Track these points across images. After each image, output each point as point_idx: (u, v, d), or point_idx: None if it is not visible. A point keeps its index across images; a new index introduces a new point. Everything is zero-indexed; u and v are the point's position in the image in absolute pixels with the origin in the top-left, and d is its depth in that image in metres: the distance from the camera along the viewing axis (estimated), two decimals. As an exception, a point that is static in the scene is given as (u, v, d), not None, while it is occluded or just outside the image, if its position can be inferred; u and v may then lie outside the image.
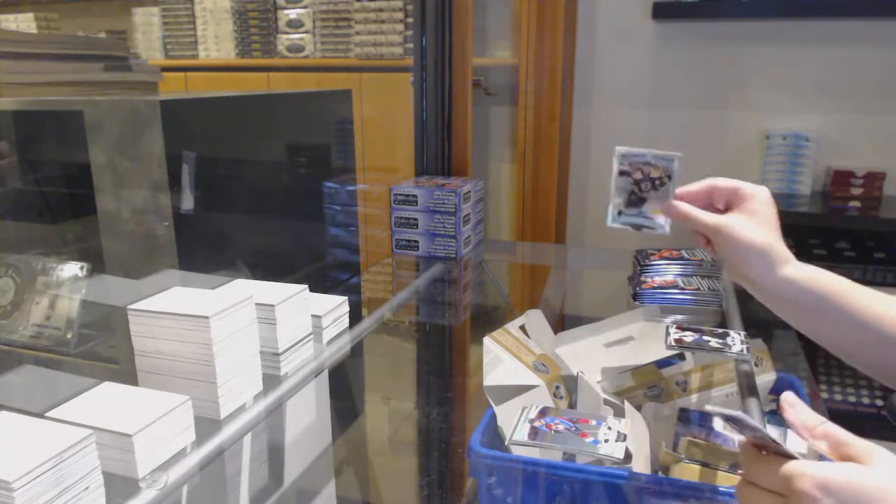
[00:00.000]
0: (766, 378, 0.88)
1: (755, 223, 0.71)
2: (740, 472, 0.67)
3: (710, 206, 0.76)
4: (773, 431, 0.50)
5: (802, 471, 0.45)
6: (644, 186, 0.78)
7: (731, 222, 0.72)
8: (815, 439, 0.49)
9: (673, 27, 2.20)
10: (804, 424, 0.50)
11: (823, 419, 0.50)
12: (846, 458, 0.48)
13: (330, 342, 1.00)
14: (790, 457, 0.48)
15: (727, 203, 0.75)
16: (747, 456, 0.51)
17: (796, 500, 0.45)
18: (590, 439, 0.65)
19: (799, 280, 0.70)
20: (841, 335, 0.70)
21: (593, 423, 0.68)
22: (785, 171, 2.12)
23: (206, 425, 0.77)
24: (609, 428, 0.67)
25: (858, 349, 0.70)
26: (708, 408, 0.55)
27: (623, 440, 0.65)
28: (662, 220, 0.78)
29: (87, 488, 0.59)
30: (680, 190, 0.77)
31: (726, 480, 0.68)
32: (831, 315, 0.69)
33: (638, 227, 0.79)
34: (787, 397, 0.52)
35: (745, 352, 0.79)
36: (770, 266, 0.71)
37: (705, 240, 0.76)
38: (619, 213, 0.80)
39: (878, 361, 0.69)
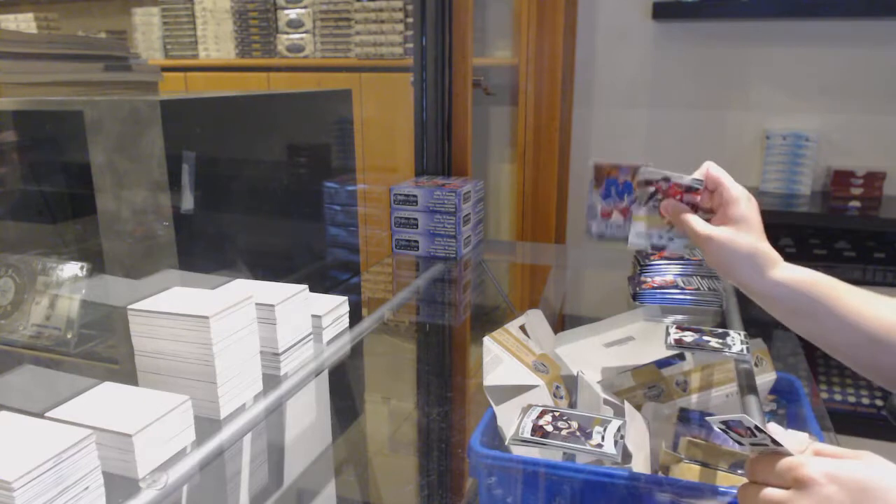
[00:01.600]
0: (765, 378, 0.88)
1: (738, 229, 0.73)
2: (741, 472, 0.67)
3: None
4: (795, 437, 0.52)
5: (808, 460, 0.48)
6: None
7: (716, 233, 0.73)
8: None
9: (673, 27, 2.20)
10: (794, 450, 0.51)
11: (809, 441, 0.53)
12: None
13: (330, 342, 1.00)
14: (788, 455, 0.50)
15: (711, 197, 0.78)
16: (751, 460, 0.53)
17: (802, 487, 0.47)
18: (590, 439, 0.65)
19: (787, 282, 0.71)
20: (832, 336, 0.70)
21: (593, 422, 0.68)
22: (785, 171, 2.12)
23: (206, 425, 0.77)
24: (609, 428, 0.67)
25: (852, 351, 0.70)
26: (708, 419, 0.55)
27: (623, 440, 0.65)
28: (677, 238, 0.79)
29: (87, 488, 0.59)
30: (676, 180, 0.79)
31: (726, 480, 0.68)
32: (821, 317, 0.69)
33: (656, 247, 0.80)
34: (771, 429, 0.52)
35: (744, 352, 0.79)
36: (757, 271, 0.71)
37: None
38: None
39: (873, 363, 0.69)
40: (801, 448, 0.51)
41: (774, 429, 0.52)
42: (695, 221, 0.75)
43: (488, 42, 2.49)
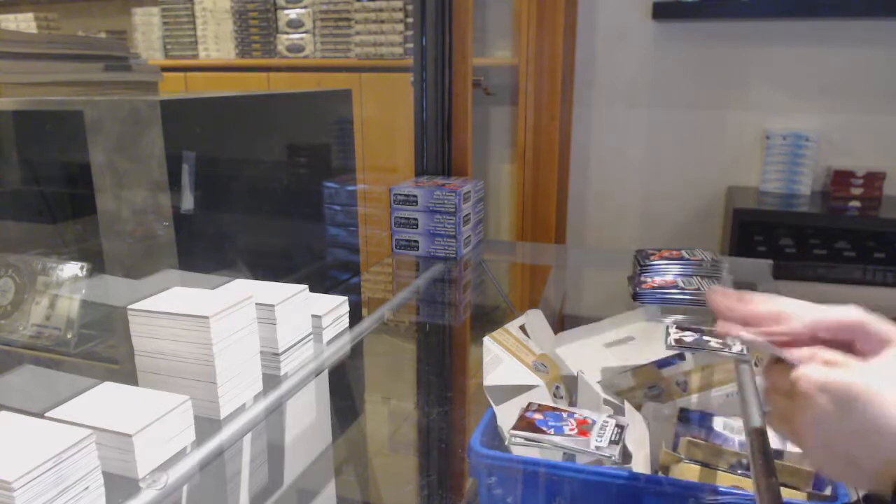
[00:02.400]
0: (766, 378, 0.88)
1: None
2: (741, 472, 0.67)
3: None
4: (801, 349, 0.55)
5: (806, 374, 0.50)
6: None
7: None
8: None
9: (673, 27, 2.20)
10: (801, 357, 0.53)
11: (815, 350, 0.52)
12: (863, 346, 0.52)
13: (330, 342, 1.00)
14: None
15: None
16: (768, 368, 0.56)
17: (800, 400, 0.51)
18: (590, 439, 0.65)
19: None
20: None
21: (593, 422, 0.68)
22: (785, 171, 2.12)
23: (206, 425, 0.77)
24: (608, 428, 0.67)
25: None
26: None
27: (622, 440, 0.65)
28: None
29: (87, 488, 0.59)
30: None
31: (726, 480, 0.68)
32: None
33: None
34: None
35: (745, 352, 0.79)
36: None
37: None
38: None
39: None
40: (808, 354, 0.53)
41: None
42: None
43: (488, 42, 2.49)
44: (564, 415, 0.69)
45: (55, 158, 1.23)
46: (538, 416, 0.69)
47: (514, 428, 0.67)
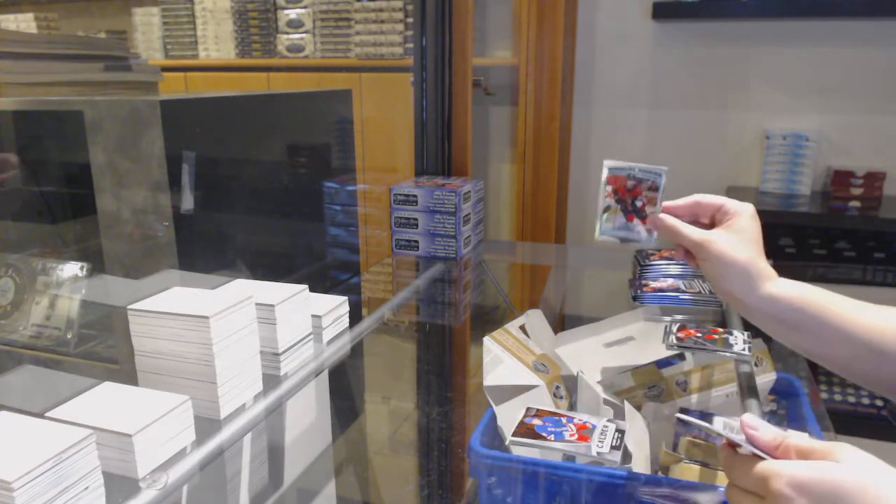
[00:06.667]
0: (766, 378, 0.88)
1: (738, 239, 0.71)
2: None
3: (695, 222, 0.78)
4: (769, 432, 0.50)
5: (777, 471, 0.46)
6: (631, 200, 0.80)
7: (714, 238, 0.72)
8: (781, 456, 0.49)
9: (673, 27, 2.20)
10: (767, 445, 0.50)
11: (785, 433, 0.50)
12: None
13: (330, 342, 1.00)
14: (759, 456, 0.49)
15: (712, 219, 0.77)
16: (725, 459, 0.52)
17: (772, 500, 0.46)
18: (591, 445, 0.65)
19: (780, 297, 0.70)
20: (829, 350, 0.68)
21: (593, 427, 0.68)
22: (785, 171, 2.12)
23: (206, 425, 0.77)
24: (609, 432, 0.67)
25: (850, 363, 0.68)
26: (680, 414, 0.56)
27: (622, 441, 0.65)
28: (647, 233, 0.80)
29: (87, 488, 0.59)
30: (666, 204, 0.79)
31: (726, 480, 0.67)
32: (816, 330, 0.68)
33: (624, 240, 0.81)
34: (747, 420, 0.51)
35: (745, 352, 0.79)
36: (751, 283, 0.70)
37: (685, 252, 0.77)
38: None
39: (875, 374, 0.67)
40: (775, 443, 0.50)
41: (749, 420, 0.51)
42: (687, 228, 0.75)
43: (488, 42, 2.49)
44: (564, 420, 0.69)
45: (55, 158, 1.23)
46: (537, 421, 0.69)
47: (514, 434, 0.67)
